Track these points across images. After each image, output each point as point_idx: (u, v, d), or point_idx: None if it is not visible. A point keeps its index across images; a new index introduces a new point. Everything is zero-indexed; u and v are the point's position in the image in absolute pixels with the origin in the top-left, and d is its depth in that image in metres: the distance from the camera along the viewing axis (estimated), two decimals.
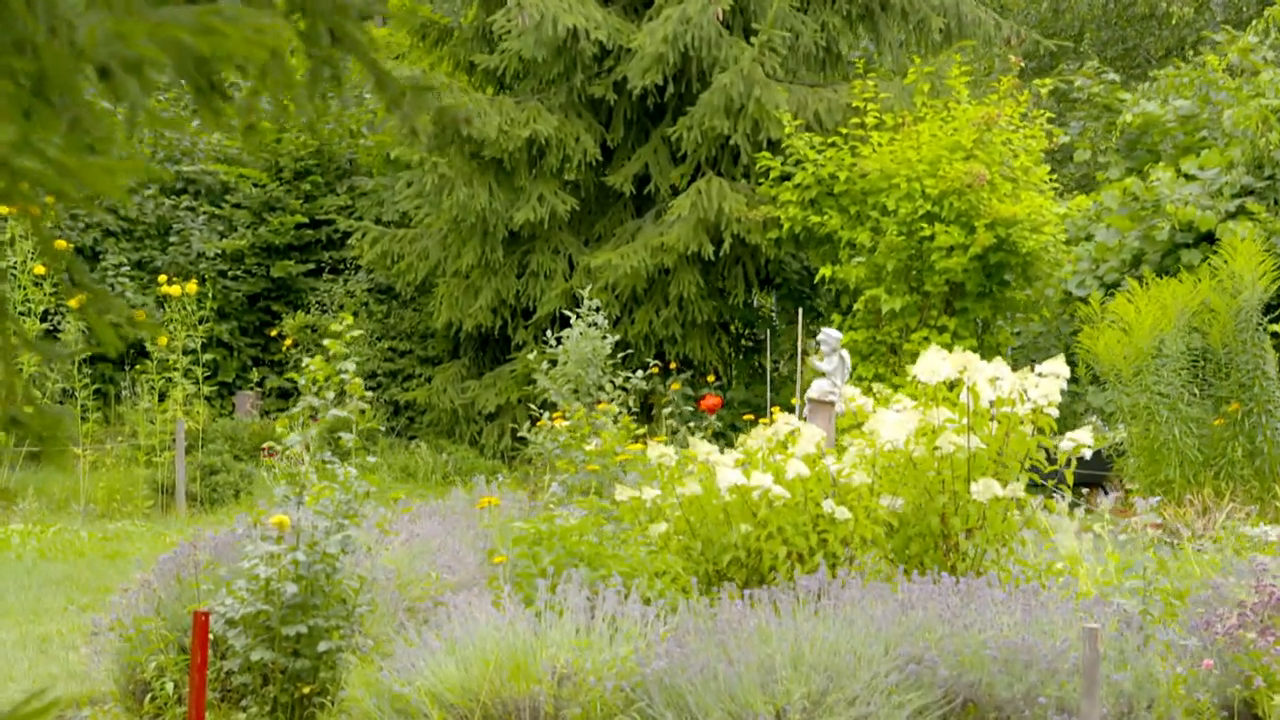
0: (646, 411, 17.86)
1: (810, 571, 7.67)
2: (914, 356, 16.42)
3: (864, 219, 17.45)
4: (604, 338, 14.41)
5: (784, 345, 19.38)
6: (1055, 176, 17.89)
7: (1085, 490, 16.83)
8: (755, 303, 20.20)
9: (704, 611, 7.06)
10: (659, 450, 8.15)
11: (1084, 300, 18.23)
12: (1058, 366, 8.16)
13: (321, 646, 6.95)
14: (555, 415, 12.43)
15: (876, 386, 9.24)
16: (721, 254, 18.34)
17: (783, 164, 17.92)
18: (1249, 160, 17.54)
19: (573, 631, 6.78)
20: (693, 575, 7.45)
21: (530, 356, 15.33)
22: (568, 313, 15.37)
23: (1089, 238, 18.70)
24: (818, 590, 7.13)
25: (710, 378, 18.68)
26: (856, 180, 17.42)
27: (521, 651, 6.51)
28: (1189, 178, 18.08)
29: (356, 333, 8.06)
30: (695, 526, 8.12)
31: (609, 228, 19.50)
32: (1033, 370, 8.26)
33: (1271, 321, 15.08)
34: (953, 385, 8.33)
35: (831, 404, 8.92)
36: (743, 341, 20.51)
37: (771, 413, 10.55)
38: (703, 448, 8.12)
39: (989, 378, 8.19)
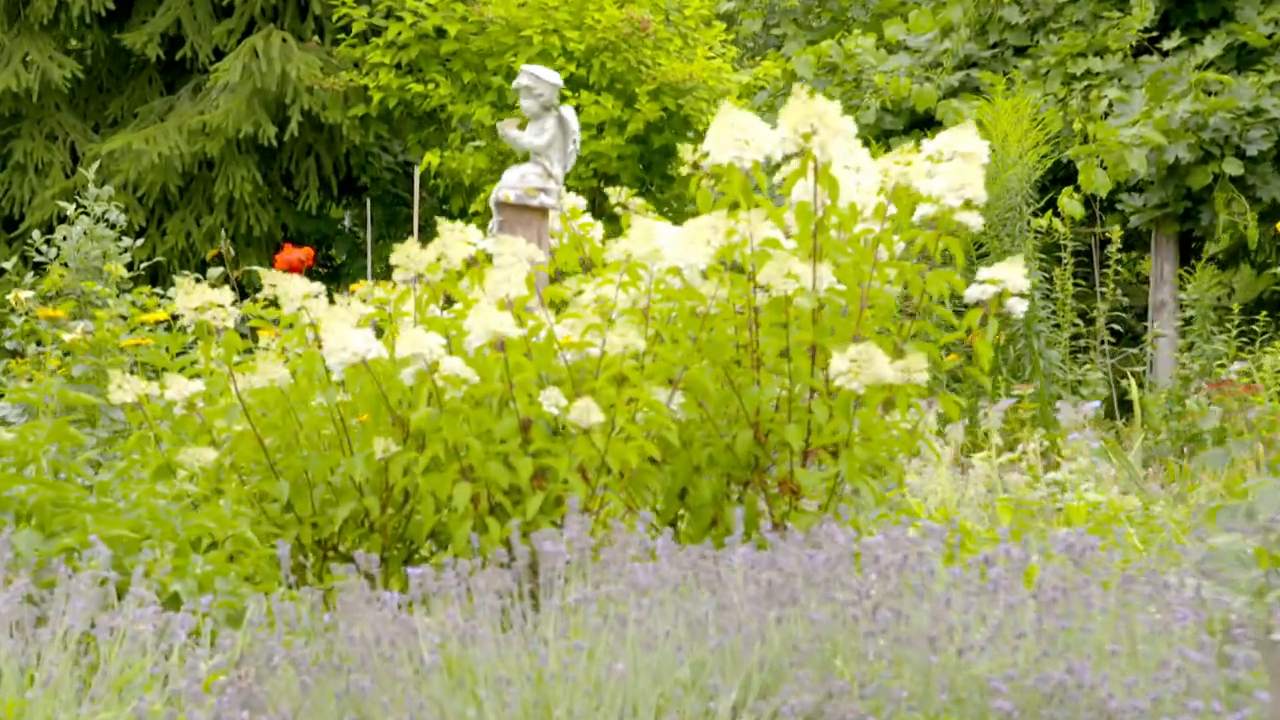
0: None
1: (535, 527, 3.89)
2: None
3: (484, 89, 14.15)
4: (119, 238, 11.15)
5: (379, 269, 15.77)
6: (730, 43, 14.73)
7: None
8: (340, 212, 16.51)
9: (310, 624, 3.26)
10: (200, 298, 4.27)
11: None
12: (966, 138, 4.65)
13: None
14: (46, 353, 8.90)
15: (629, 198, 5.46)
16: (287, 138, 14.72)
17: (370, 14, 14.39)
18: (972, 22, 14.64)
19: None
20: (287, 543, 3.57)
21: (8, 266, 11.45)
22: (66, 205, 11.70)
23: None
24: (565, 566, 3.41)
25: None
26: (472, 36, 14.08)
27: None
28: (891, 49, 15.11)
29: None
30: (275, 452, 4.27)
31: (129, 106, 15.71)
32: (918, 149, 4.71)
33: (1034, 215, 12.13)
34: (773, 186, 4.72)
35: (545, 211, 5.19)
36: (318, 267, 16.78)
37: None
38: (296, 285, 4.28)
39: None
